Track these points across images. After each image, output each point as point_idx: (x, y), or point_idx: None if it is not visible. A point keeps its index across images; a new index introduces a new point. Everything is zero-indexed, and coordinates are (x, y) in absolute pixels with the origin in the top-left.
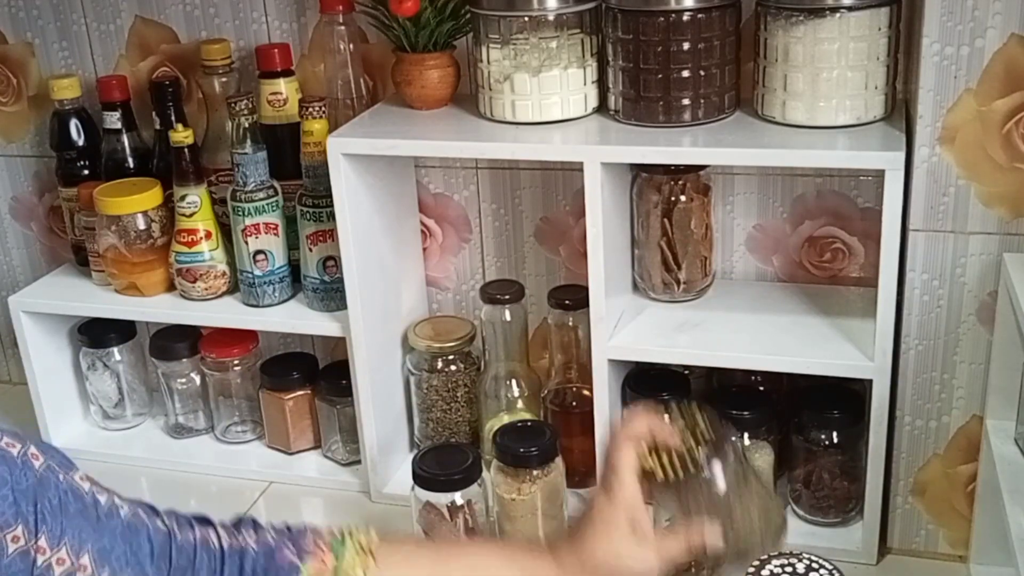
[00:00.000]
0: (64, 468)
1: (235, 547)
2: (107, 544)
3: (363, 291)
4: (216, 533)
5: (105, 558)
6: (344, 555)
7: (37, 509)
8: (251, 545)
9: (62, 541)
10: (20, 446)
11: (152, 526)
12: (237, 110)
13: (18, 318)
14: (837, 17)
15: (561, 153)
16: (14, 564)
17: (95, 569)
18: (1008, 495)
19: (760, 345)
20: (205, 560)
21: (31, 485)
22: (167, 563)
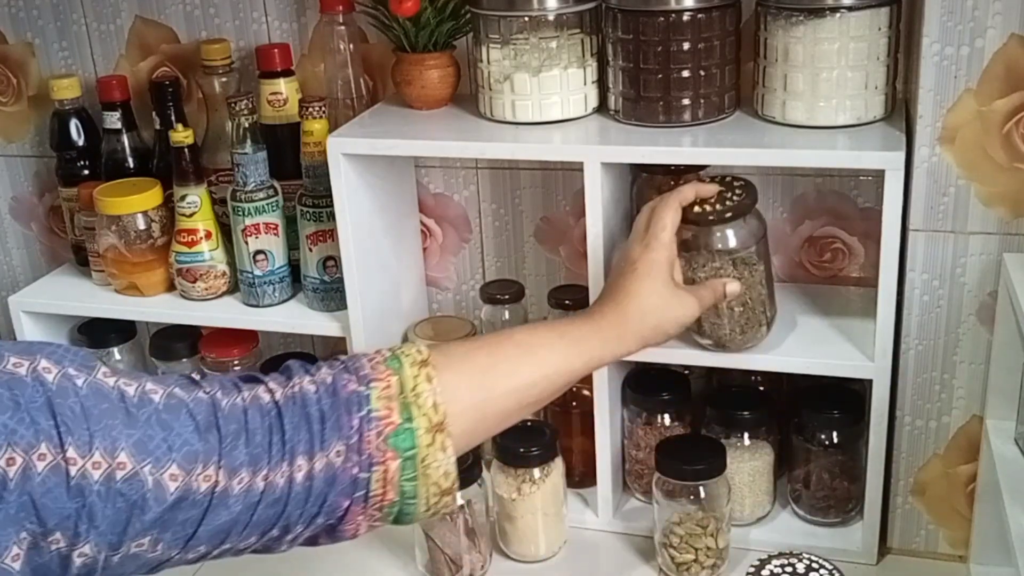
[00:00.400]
0: (84, 369)
1: (291, 395)
2: (142, 435)
3: (363, 291)
4: (267, 387)
5: (143, 450)
6: (404, 370)
7: (57, 421)
8: (308, 387)
9: (93, 446)
10: (28, 362)
11: (192, 400)
12: (237, 110)
13: (18, 318)
14: (837, 17)
15: (561, 153)
16: (47, 480)
17: (135, 464)
18: (1008, 495)
19: (760, 345)
20: (257, 419)
21: (45, 400)
22: (216, 433)
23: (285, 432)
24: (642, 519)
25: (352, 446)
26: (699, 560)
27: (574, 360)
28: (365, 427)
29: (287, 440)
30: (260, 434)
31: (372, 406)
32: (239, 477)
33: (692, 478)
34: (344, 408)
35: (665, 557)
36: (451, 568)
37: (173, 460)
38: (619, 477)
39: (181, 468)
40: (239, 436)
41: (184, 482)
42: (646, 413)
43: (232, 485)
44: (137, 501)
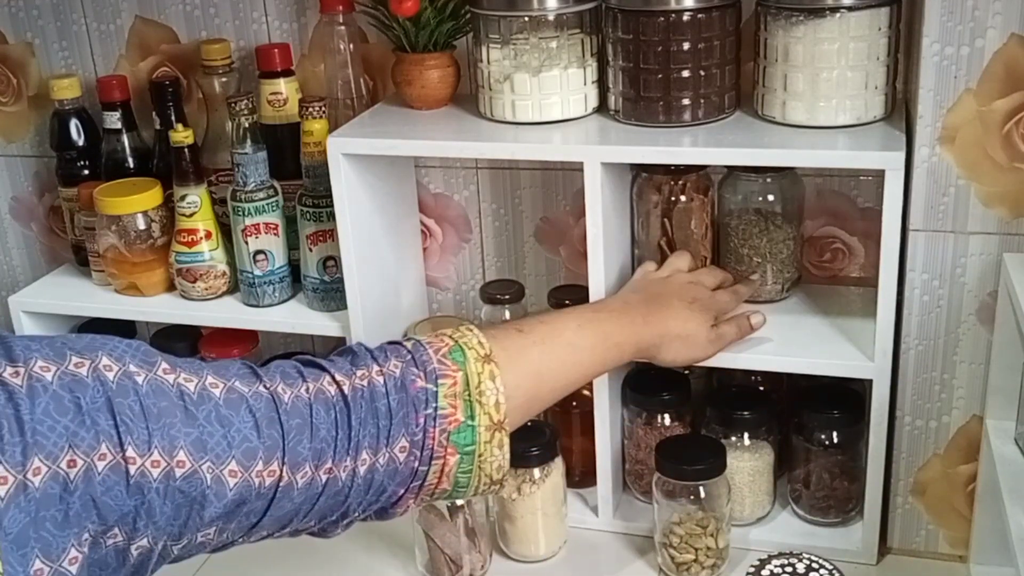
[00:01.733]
0: (144, 366)
1: (359, 388)
2: (201, 433)
3: (363, 291)
4: (332, 378)
5: (202, 448)
6: (468, 365)
7: (117, 421)
8: (377, 380)
9: (152, 445)
10: (90, 361)
11: (252, 395)
12: (237, 110)
13: (18, 318)
14: (837, 17)
15: (561, 153)
16: (108, 479)
17: (193, 462)
18: (1008, 495)
19: (760, 345)
20: (322, 413)
21: (105, 400)
22: (278, 429)
23: (352, 427)
24: (642, 519)
25: (416, 442)
26: (699, 560)
27: (609, 362)
28: (430, 424)
29: (353, 435)
30: (325, 428)
31: (439, 404)
32: (302, 471)
33: (692, 478)
34: (412, 405)
35: (665, 557)
36: (451, 568)
37: (232, 457)
38: (619, 477)
39: (240, 465)
40: (303, 431)
41: (243, 478)
42: (646, 413)
43: (295, 479)
44: (197, 497)
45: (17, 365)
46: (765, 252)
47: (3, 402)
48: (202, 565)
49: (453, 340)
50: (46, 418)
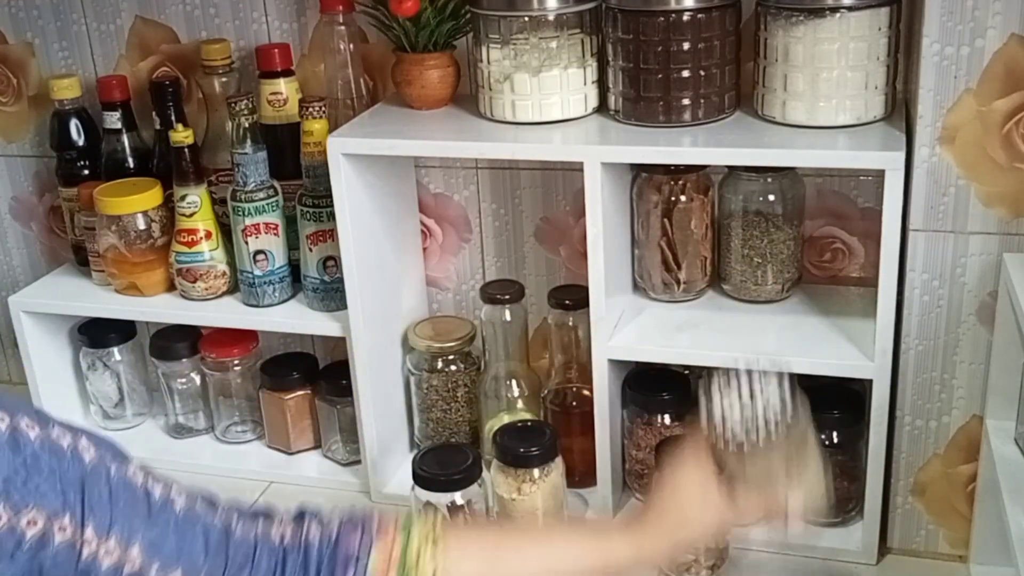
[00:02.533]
0: (117, 461)
1: (297, 542)
2: (158, 537)
3: (363, 291)
4: (279, 527)
5: (155, 551)
6: (412, 536)
7: (84, 500)
8: (315, 537)
9: (111, 532)
10: (70, 437)
11: (207, 521)
12: (237, 110)
13: (18, 318)
14: (837, 17)
15: (561, 153)
16: (60, 555)
17: (144, 562)
18: (1008, 495)
19: (760, 345)
20: (264, 556)
21: (79, 476)
22: (223, 559)
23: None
24: None
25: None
26: (699, 560)
27: (589, 557)
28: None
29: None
30: (262, 571)
31: (369, 568)
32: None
33: None
34: (341, 566)
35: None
36: None
37: (179, 568)
38: (619, 477)
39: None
40: (244, 567)
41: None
42: (646, 413)
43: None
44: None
45: (3, 414)
46: (765, 252)
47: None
48: None
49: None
50: (22, 469)
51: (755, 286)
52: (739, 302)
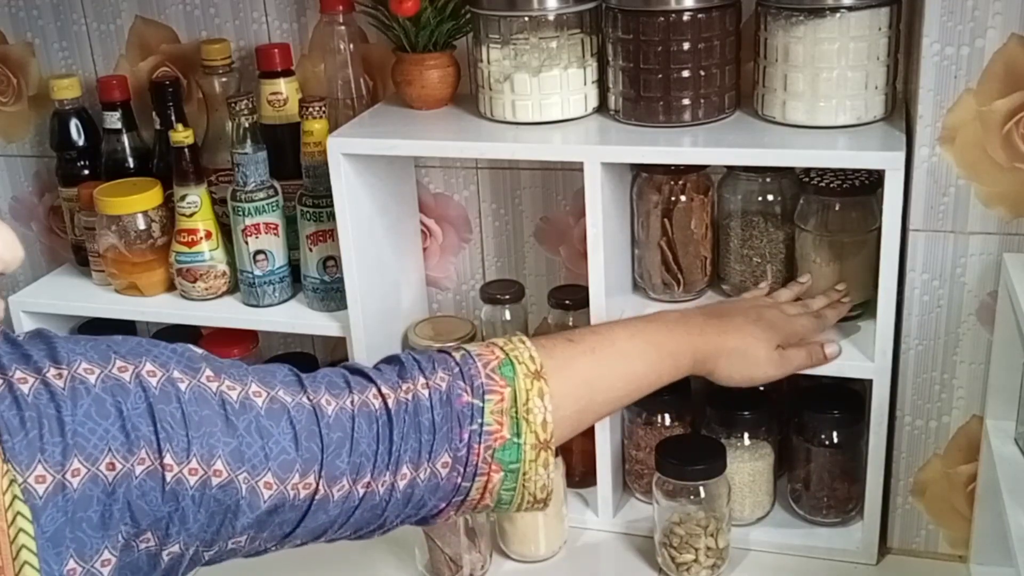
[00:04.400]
0: (189, 372)
1: (403, 401)
2: (240, 444)
3: (363, 291)
4: (378, 390)
5: (240, 458)
6: (518, 381)
7: (157, 428)
8: (422, 393)
9: (190, 452)
10: (133, 366)
11: (295, 406)
12: (237, 110)
13: (18, 318)
14: (837, 17)
15: (561, 153)
16: (144, 484)
17: (230, 472)
18: (1008, 495)
19: None
20: (364, 427)
21: (147, 406)
22: (317, 442)
23: (393, 441)
24: (642, 519)
25: (460, 458)
26: (699, 560)
27: (664, 374)
28: (475, 441)
29: (394, 450)
30: (366, 442)
31: (484, 420)
32: (339, 484)
33: (692, 478)
34: (457, 420)
35: (665, 557)
36: (451, 568)
37: (269, 469)
38: (619, 477)
39: (276, 477)
40: (343, 444)
41: (279, 490)
42: (646, 413)
43: (332, 492)
44: (231, 506)
45: (61, 367)
46: (765, 252)
47: (45, 402)
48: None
49: (504, 353)
50: (87, 420)
51: (755, 286)
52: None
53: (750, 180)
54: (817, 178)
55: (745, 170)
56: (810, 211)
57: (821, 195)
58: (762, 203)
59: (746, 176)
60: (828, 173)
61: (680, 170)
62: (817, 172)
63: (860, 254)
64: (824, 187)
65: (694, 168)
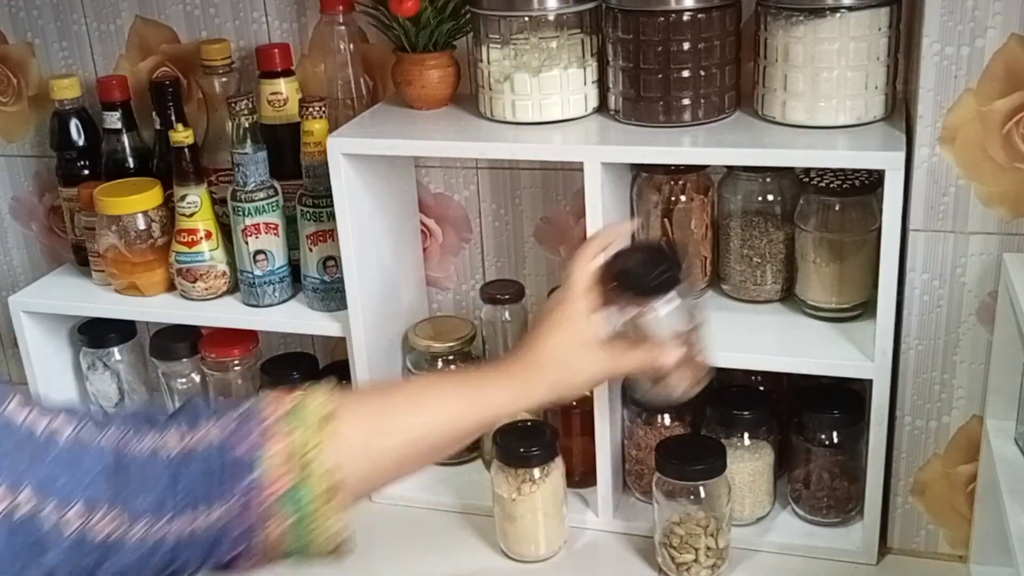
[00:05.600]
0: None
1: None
2: (48, 474)
3: (363, 291)
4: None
5: (47, 489)
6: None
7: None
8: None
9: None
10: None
11: (99, 443)
12: (237, 110)
13: (18, 318)
14: (837, 17)
15: (561, 153)
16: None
17: (38, 502)
18: (1008, 495)
19: (760, 345)
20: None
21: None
22: (125, 478)
23: (179, 486)
24: (642, 519)
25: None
26: (699, 560)
27: (475, 408)
28: (253, 491)
29: (181, 495)
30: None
31: (263, 468)
32: (137, 526)
33: (692, 478)
34: (233, 470)
35: (665, 557)
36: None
37: (79, 500)
38: (619, 477)
39: (82, 511)
40: (143, 484)
41: (83, 525)
42: (646, 413)
43: (131, 533)
44: (37, 540)
45: None
46: (765, 252)
47: None
48: None
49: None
50: None
51: (754, 286)
52: (738, 302)
53: (750, 180)
54: (817, 178)
55: (745, 170)
56: (810, 211)
57: (821, 195)
58: (762, 203)
59: (746, 176)
60: (828, 173)
61: (680, 170)
62: (817, 172)
63: (860, 254)
64: (824, 187)
65: (694, 168)
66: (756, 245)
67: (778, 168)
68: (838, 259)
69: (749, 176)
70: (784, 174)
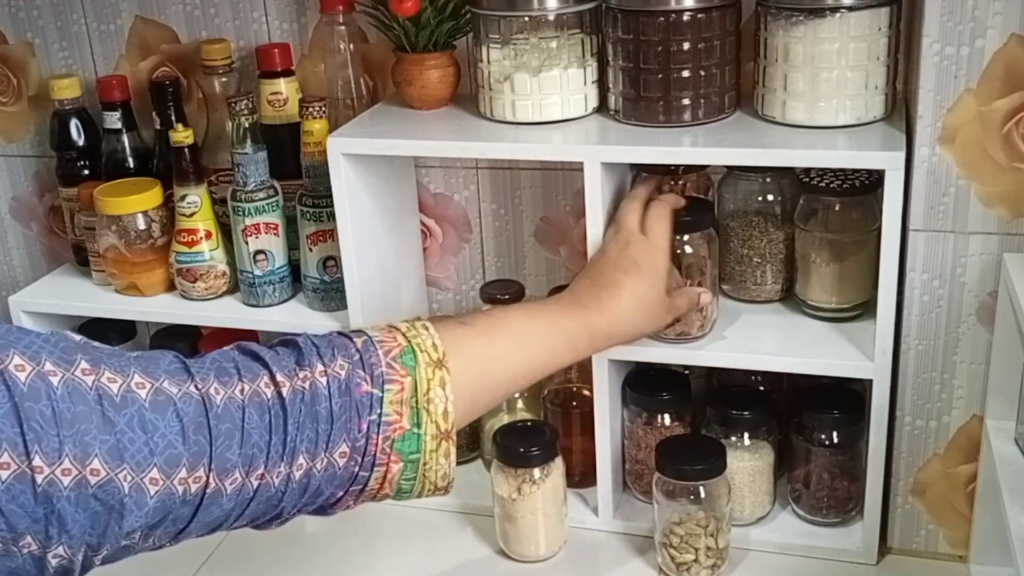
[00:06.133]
0: (62, 365)
1: (299, 390)
2: (120, 440)
3: (363, 291)
4: (271, 378)
5: (119, 456)
6: (419, 370)
7: (24, 428)
8: (319, 381)
9: (62, 453)
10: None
11: (182, 396)
12: (237, 110)
13: (18, 318)
14: (837, 17)
15: (561, 153)
16: (12, 488)
17: (109, 471)
18: (1008, 495)
19: (760, 345)
20: (255, 417)
21: (13, 405)
22: (206, 434)
23: (288, 432)
24: (642, 519)
25: (358, 448)
26: (699, 560)
27: (561, 355)
28: (373, 431)
29: (288, 440)
30: (258, 433)
31: (384, 410)
32: (231, 477)
33: (692, 478)
34: (355, 410)
35: (665, 557)
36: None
37: (154, 464)
38: (619, 477)
39: (162, 472)
40: (232, 436)
41: (166, 486)
42: (646, 413)
43: (224, 486)
44: (115, 506)
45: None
46: (765, 252)
47: None
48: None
49: (406, 340)
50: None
51: (754, 286)
52: (738, 302)
53: (750, 180)
54: (817, 178)
55: (745, 170)
56: (810, 211)
57: (821, 195)
58: (762, 203)
59: (746, 176)
60: (828, 173)
61: (680, 170)
62: (817, 172)
63: (860, 254)
64: (824, 187)
65: (694, 168)
66: (756, 245)
67: (778, 168)
68: (838, 259)
69: (749, 176)
70: (784, 174)
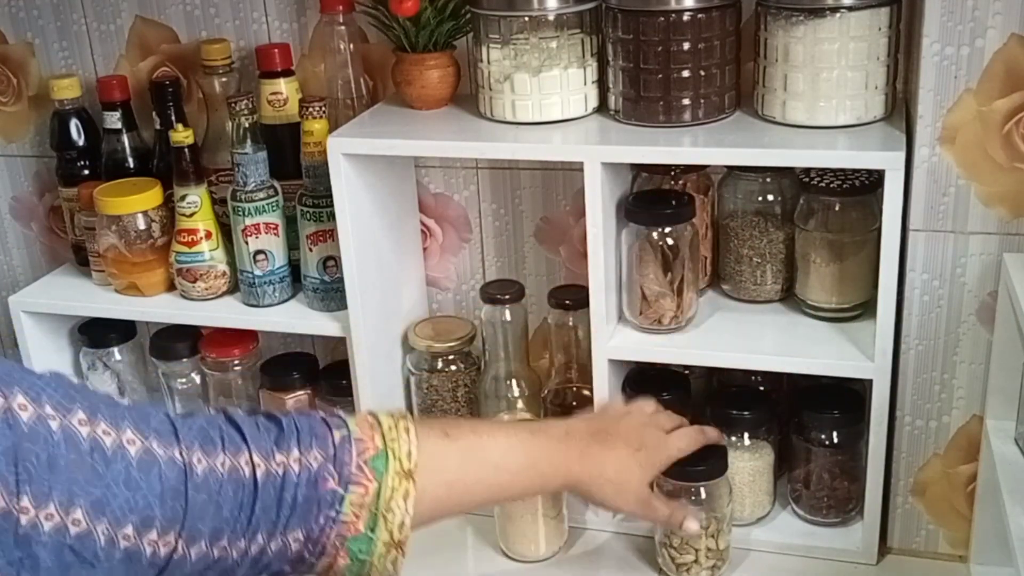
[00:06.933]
0: (60, 410)
1: (272, 473)
2: (104, 494)
3: (363, 291)
4: (250, 456)
5: (102, 509)
6: (386, 480)
7: (19, 469)
8: (292, 468)
9: (50, 498)
10: (3, 398)
11: (166, 461)
12: (237, 110)
13: (18, 318)
14: (837, 17)
15: (561, 153)
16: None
17: (89, 522)
18: (1008, 495)
19: (760, 345)
20: (229, 493)
21: (12, 444)
22: (182, 503)
23: (254, 512)
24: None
25: (312, 537)
26: (699, 561)
27: (530, 489)
28: (329, 525)
29: (253, 520)
30: (227, 508)
31: (343, 509)
32: (197, 546)
33: (693, 479)
34: (317, 503)
35: (665, 557)
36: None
37: (130, 522)
38: None
39: (136, 530)
40: (206, 509)
41: (135, 544)
42: None
43: (190, 553)
44: (88, 559)
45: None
46: (765, 252)
47: None
48: None
49: (383, 442)
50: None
51: (754, 286)
52: (739, 302)
53: (750, 180)
54: (817, 178)
55: (745, 170)
56: (810, 211)
57: (821, 195)
58: (762, 203)
59: (746, 176)
60: (828, 173)
61: (680, 170)
62: (817, 172)
63: (860, 254)
64: (824, 187)
65: (694, 168)
66: (756, 245)
67: (778, 168)
68: (838, 259)
69: (749, 176)
70: (784, 174)
